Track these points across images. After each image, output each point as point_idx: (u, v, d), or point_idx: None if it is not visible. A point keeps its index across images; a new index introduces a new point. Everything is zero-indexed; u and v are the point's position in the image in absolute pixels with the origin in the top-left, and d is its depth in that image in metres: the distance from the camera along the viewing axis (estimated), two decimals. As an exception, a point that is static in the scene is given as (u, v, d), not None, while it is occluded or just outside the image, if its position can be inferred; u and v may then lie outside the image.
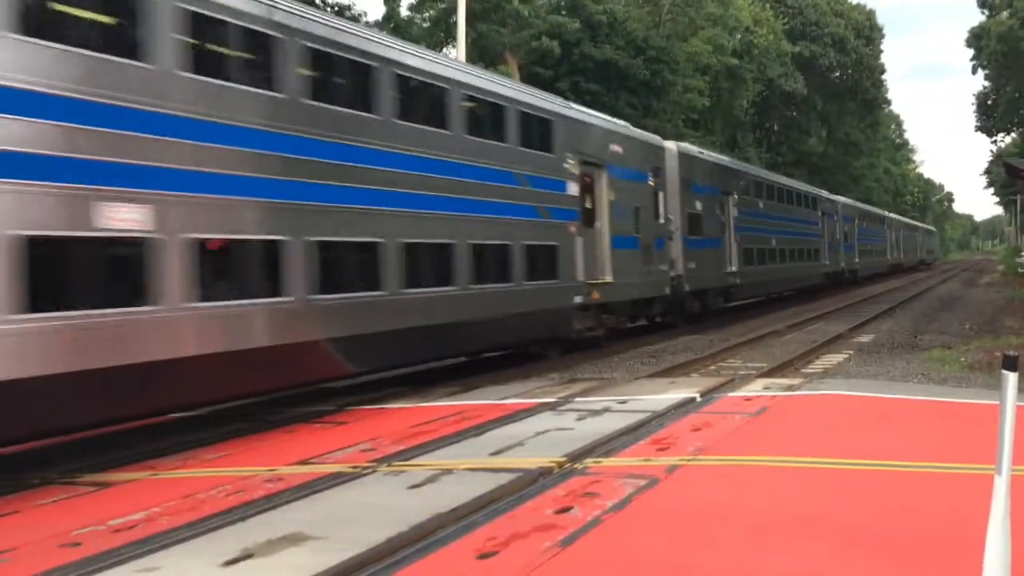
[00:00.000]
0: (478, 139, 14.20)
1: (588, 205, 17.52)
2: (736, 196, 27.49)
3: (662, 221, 21.10)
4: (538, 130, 15.97)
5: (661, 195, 21.15)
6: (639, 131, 21.74)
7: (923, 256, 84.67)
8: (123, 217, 8.17)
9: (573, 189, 16.78)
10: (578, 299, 16.76)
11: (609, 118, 20.50)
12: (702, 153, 26.01)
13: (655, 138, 22.40)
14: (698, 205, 23.98)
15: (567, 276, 16.42)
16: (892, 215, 69.94)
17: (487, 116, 14.69)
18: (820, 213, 40.28)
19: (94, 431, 9.61)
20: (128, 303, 8.25)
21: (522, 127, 15.37)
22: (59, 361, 7.52)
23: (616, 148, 18.73)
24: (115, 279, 8.39)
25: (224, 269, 9.49)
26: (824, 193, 43.66)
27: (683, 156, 23.29)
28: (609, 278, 17.98)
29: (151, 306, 8.40)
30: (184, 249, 8.71)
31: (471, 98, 14.10)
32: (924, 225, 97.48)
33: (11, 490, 7.52)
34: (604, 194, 18.00)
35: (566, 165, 16.53)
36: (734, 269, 26.85)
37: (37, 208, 7.49)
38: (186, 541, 5.66)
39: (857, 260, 49.48)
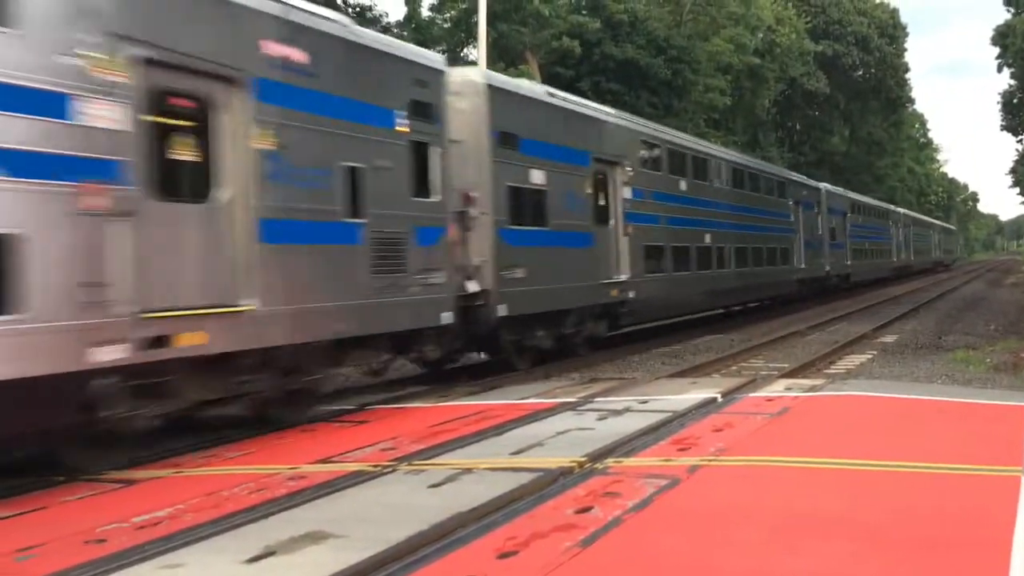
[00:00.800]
0: None
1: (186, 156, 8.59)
2: (630, 168, 18.31)
3: (434, 198, 12.03)
4: None
5: (435, 152, 12.12)
6: (376, 34, 13.08)
7: (940, 256, 78.78)
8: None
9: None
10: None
11: None
12: (552, 95, 16.56)
13: (421, 53, 12.87)
14: (536, 176, 15.02)
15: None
16: (899, 209, 61.85)
17: None
18: (792, 202, 31.24)
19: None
20: None
21: None
22: None
23: (284, 50, 9.49)
24: None
25: None
26: (799, 177, 34.88)
27: (498, 93, 14.22)
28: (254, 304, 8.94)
29: None
30: None
31: None
32: (940, 222, 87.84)
33: (37, 487, 7.59)
34: (239, 137, 8.91)
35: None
36: (624, 278, 17.77)
37: None
38: (209, 538, 5.70)
39: (849, 262, 39.96)
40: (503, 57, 32.96)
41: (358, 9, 32.89)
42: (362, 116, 10.71)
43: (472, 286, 13.16)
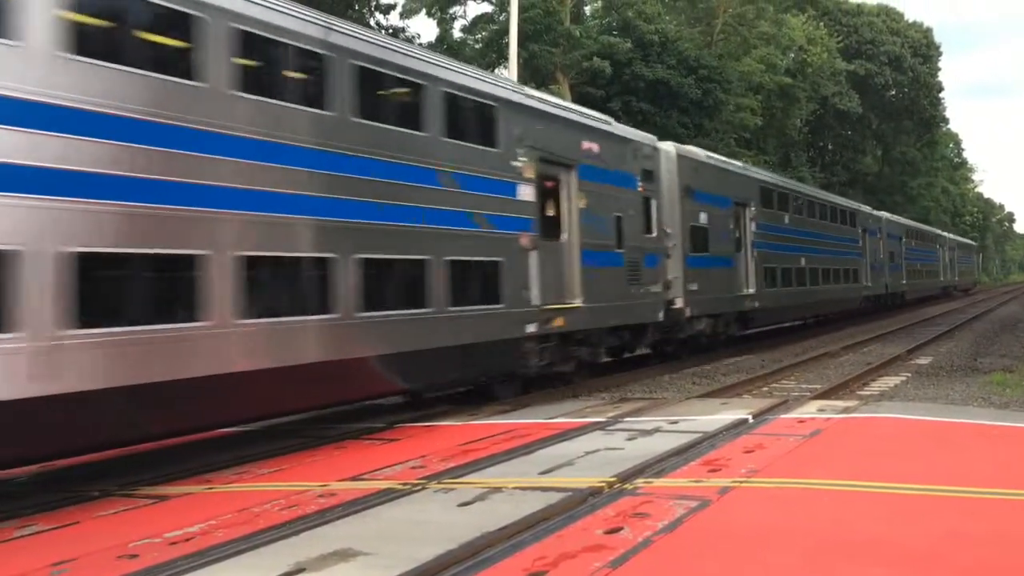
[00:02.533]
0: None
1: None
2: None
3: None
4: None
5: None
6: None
7: (952, 280, 63.72)
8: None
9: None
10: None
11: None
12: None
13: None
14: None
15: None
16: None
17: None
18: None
19: (152, 445, 9.81)
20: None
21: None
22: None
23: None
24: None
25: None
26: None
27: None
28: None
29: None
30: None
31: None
32: (953, 236, 70.91)
33: (72, 502, 7.70)
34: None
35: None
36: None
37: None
38: (240, 554, 5.74)
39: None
40: (534, 77, 33.11)
41: (391, 31, 33.24)
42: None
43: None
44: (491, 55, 37.00)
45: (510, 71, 24.34)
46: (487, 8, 37.64)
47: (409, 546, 5.65)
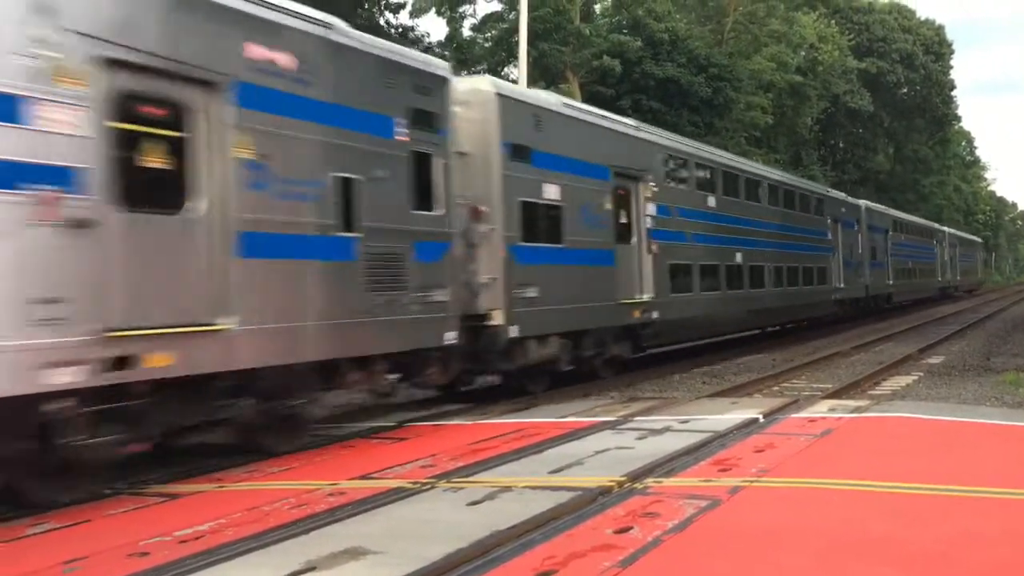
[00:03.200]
0: None
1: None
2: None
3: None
4: None
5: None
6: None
7: (952, 280, 56.68)
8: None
9: None
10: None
11: None
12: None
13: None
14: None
15: None
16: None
17: None
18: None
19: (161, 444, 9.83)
20: None
21: None
22: None
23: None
24: None
25: None
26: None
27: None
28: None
29: None
30: None
31: None
32: (953, 230, 62.70)
33: (83, 500, 7.72)
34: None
35: None
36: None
37: None
38: (250, 553, 5.75)
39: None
40: (544, 76, 33.10)
41: (400, 30, 33.29)
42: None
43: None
44: (500, 54, 37.00)
45: (519, 70, 24.33)
46: (497, 7, 37.65)
47: (419, 545, 5.65)
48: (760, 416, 10.54)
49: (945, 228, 57.49)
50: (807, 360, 19.62)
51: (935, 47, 69.37)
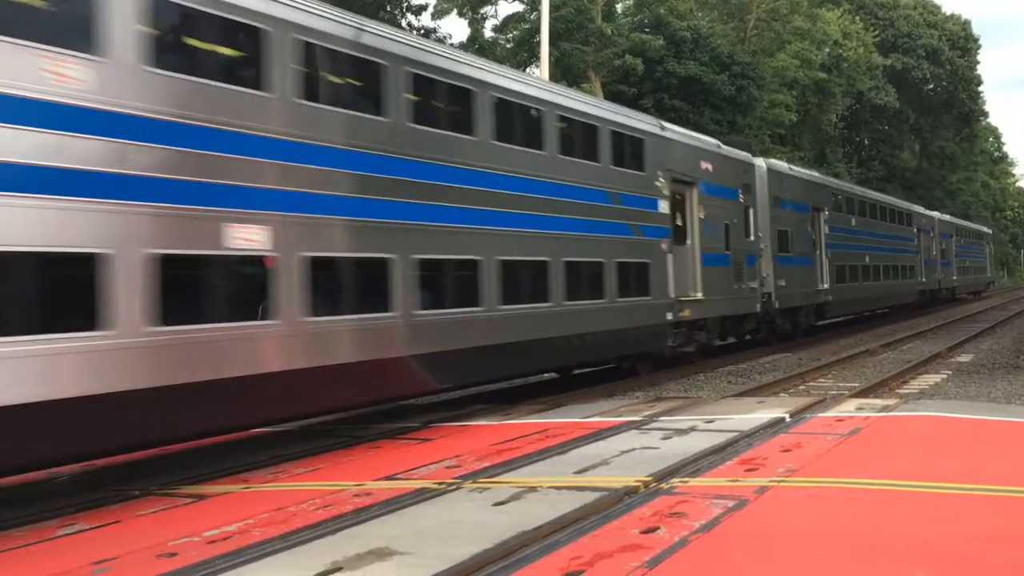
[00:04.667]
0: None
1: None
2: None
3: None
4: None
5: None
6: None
7: (947, 280, 45.49)
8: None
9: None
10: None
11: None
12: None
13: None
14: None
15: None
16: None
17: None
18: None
19: (190, 444, 9.92)
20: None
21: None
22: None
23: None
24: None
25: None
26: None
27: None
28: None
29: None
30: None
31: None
32: (948, 216, 51.77)
33: (114, 500, 7.80)
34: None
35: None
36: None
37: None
38: (277, 553, 5.78)
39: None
40: (565, 76, 33.03)
41: (423, 31, 33.34)
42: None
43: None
44: (522, 54, 36.97)
45: (541, 70, 24.30)
46: (518, 7, 37.60)
47: (445, 545, 5.66)
48: (787, 415, 10.46)
49: (934, 213, 45.66)
50: (834, 359, 19.46)
51: (961, 42, 68.49)
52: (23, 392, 6.75)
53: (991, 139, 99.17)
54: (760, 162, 22.92)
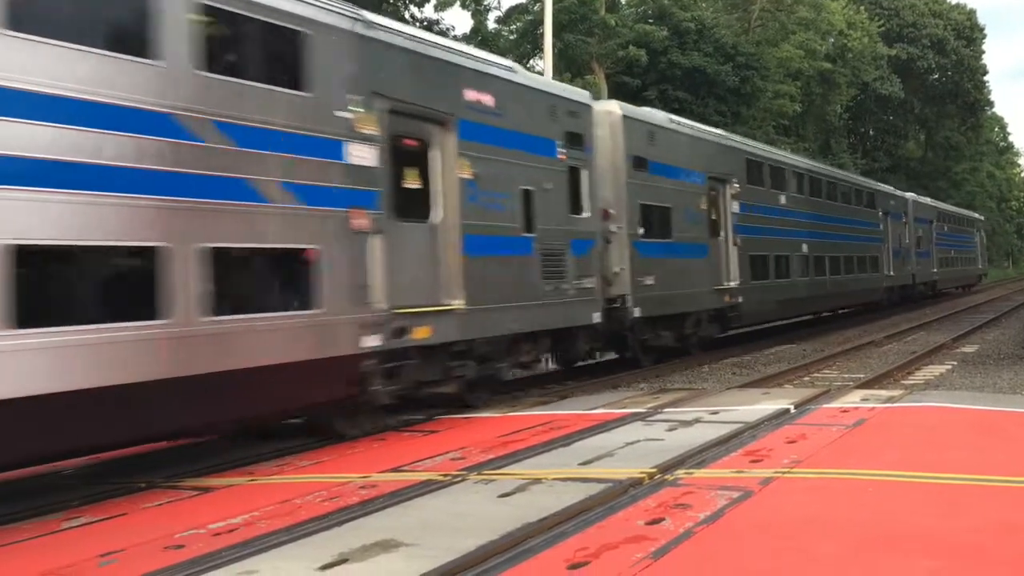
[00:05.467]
0: None
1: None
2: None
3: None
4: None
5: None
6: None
7: (914, 273, 36.65)
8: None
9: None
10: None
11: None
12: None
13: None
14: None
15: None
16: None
17: None
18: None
19: (195, 439, 9.95)
20: None
21: None
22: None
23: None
24: None
25: None
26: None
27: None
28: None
29: None
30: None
31: None
32: (933, 201, 45.23)
33: (120, 493, 7.83)
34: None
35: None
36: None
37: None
38: (283, 545, 5.79)
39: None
40: (569, 68, 32.96)
41: (426, 23, 33.29)
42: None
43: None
44: (526, 46, 36.90)
45: (545, 62, 24.25)
46: (521, -1, 37.51)
47: (450, 537, 5.67)
48: (791, 407, 10.45)
49: (907, 194, 38.71)
50: (839, 350, 19.44)
51: (966, 32, 68.13)
52: None
53: (996, 129, 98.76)
54: (609, 106, 16.19)
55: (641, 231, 16.01)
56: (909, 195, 38.03)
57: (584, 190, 14.12)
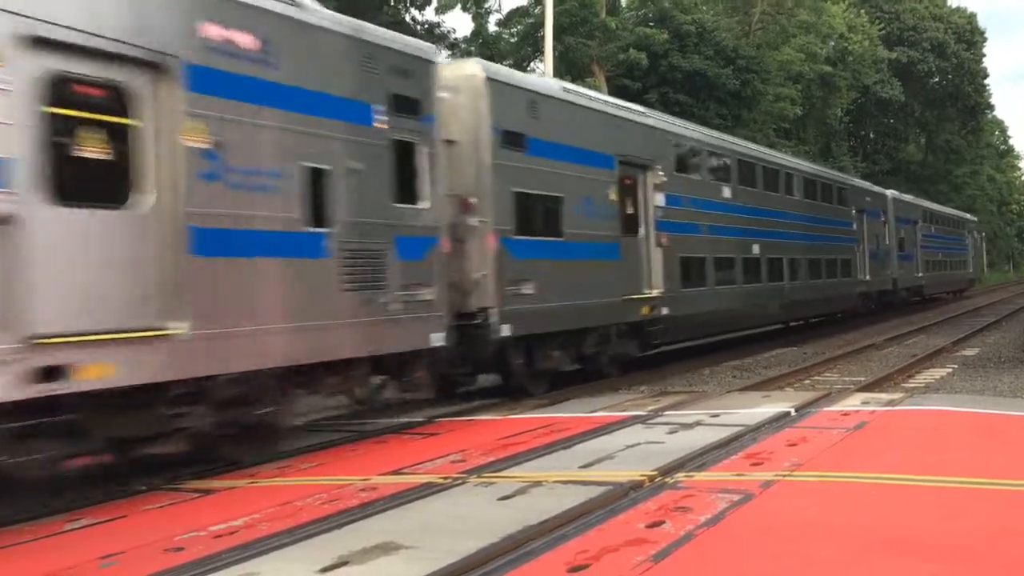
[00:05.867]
0: None
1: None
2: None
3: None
4: None
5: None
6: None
7: (895, 279, 33.33)
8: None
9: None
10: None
11: None
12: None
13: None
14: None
15: None
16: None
17: None
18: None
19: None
20: None
21: None
22: None
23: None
24: None
25: None
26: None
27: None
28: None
29: None
30: None
31: None
32: (918, 200, 42.13)
33: (119, 496, 7.82)
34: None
35: None
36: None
37: None
38: (284, 547, 5.79)
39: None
40: (570, 70, 32.98)
41: (427, 26, 33.33)
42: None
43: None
44: (526, 48, 36.93)
45: (546, 65, 24.28)
46: (522, 1, 37.56)
47: (451, 539, 5.66)
48: (792, 409, 10.45)
49: (888, 191, 34.96)
50: (839, 353, 19.45)
51: (967, 35, 68.14)
52: None
53: (997, 132, 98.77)
54: (469, 67, 12.97)
55: (513, 227, 12.71)
56: (889, 192, 34.05)
57: (421, 172, 10.77)
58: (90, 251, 7.09)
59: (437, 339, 10.82)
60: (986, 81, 73.12)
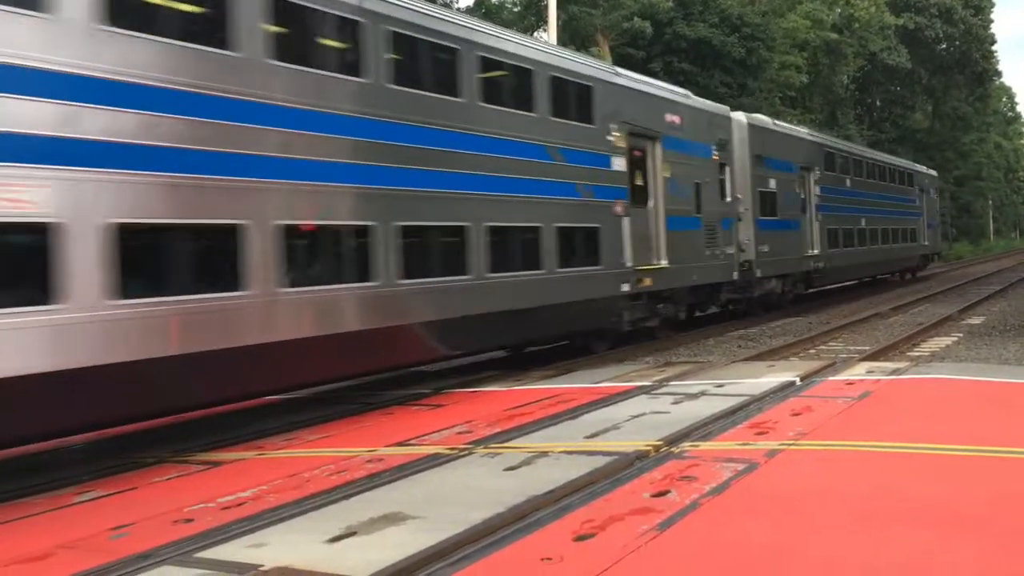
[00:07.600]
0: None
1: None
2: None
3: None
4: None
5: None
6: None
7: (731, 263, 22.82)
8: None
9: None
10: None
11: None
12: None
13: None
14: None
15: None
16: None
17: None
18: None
19: (204, 412, 10.00)
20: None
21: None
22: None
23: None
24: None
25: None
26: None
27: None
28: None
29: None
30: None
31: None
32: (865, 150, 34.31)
33: (129, 468, 7.89)
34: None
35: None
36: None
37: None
38: (292, 518, 5.84)
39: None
40: (574, 40, 32.72)
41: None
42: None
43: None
44: (530, 18, 36.61)
45: (549, 33, 24.09)
46: (526, -30, 37.18)
47: (457, 510, 5.71)
48: (797, 379, 10.47)
49: (735, 114, 22.23)
50: (844, 322, 19.43)
51: (974, 0, 67.43)
52: None
53: (1004, 99, 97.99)
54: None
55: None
56: (737, 114, 21.43)
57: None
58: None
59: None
60: (993, 47, 72.32)
